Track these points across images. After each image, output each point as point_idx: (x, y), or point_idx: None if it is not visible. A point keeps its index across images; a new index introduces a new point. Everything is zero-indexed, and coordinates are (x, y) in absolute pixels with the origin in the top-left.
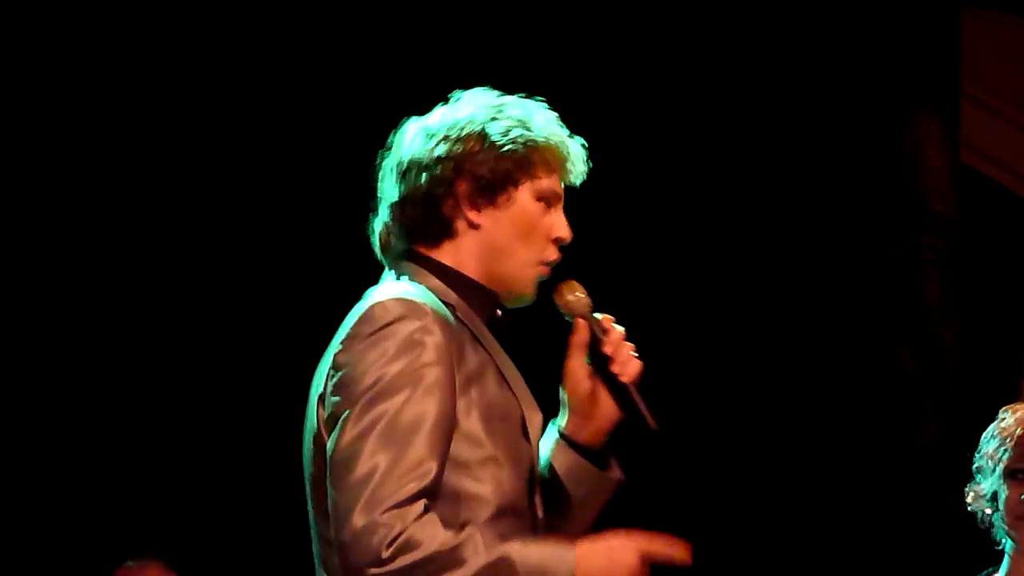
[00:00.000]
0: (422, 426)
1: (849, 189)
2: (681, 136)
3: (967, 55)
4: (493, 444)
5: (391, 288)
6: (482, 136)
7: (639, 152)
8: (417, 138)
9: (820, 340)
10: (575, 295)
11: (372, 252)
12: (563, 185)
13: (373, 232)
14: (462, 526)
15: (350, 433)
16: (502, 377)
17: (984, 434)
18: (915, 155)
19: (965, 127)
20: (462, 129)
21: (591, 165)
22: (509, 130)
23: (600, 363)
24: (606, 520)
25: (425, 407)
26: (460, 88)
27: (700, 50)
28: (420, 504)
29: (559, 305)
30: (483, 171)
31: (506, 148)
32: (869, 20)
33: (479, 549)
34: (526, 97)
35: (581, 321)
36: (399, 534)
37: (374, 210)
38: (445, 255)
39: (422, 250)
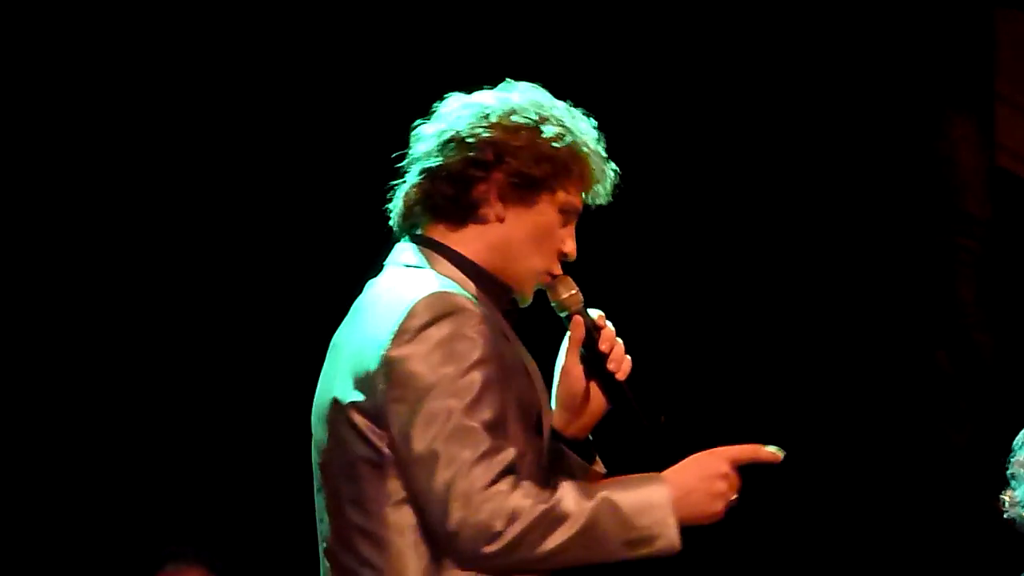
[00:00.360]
0: (493, 417)
1: (884, 191)
2: (717, 139)
3: (1002, 56)
4: (524, 440)
5: (421, 280)
6: (533, 132)
7: (671, 155)
8: (466, 112)
9: (855, 342)
10: (570, 292)
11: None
12: (584, 203)
13: (397, 196)
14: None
15: (425, 431)
16: (527, 371)
17: (1016, 440)
18: (949, 157)
19: (1000, 129)
20: (514, 118)
21: (617, 191)
22: (560, 135)
23: (593, 360)
24: None
25: (491, 399)
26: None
27: (734, 53)
28: (510, 479)
29: (555, 301)
30: (524, 167)
31: (552, 152)
32: (902, 22)
33: (579, 500)
34: (574, 106)
35: (578, 318)
36: (501, 509)
37: (401, 174)
38: (460, 242)
39: (438, 234)
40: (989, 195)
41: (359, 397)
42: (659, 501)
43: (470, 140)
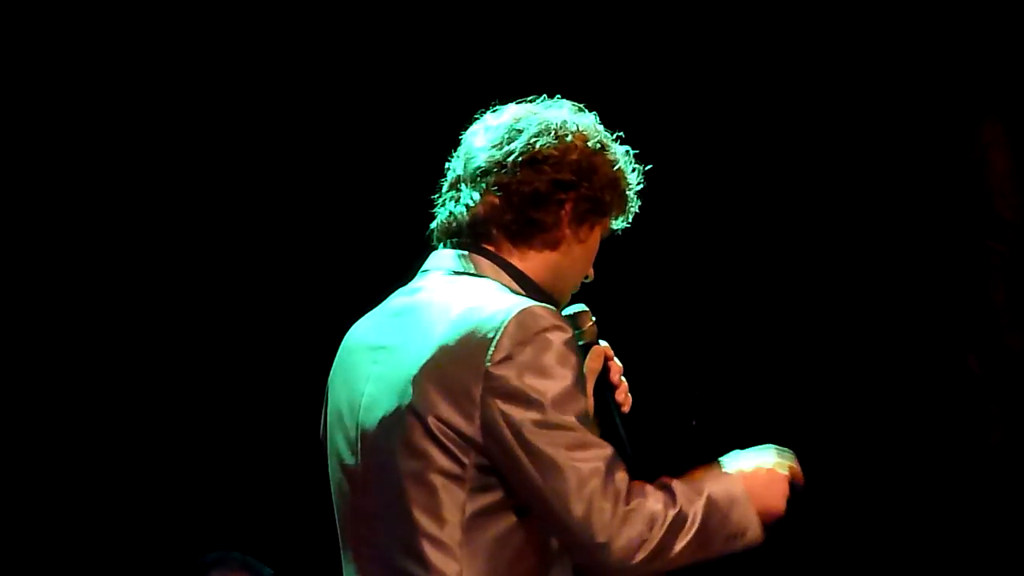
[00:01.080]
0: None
1: (914, 195)
2: (749, 144)
3: None
4: None
5: (493, 291)
6: (603, 156)
7: (703, 159)
8: (535, 127)
9: (886, 346)
10: (590, 323)
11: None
12: None
13: (453, 206)
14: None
15: (549, 448)
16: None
17: None
18: (980, 160)
19: None
20: (589, 142)
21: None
22: (619, 163)
23: (601, 391)
24: None
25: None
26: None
27: (764, 55)
28: (637, 483)
29: (579, 331)
30: (598, 192)
31: (615, 178)
32: (934, 25)
33: (692, 499)
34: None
35: (598, 348)
36: (644, 517)
37: (455, 183)
38: (518, 257)
39: (501, 250)
40: (1021, 199)
41: (446, 410)
42: (741, 495)
43: (551, 159)
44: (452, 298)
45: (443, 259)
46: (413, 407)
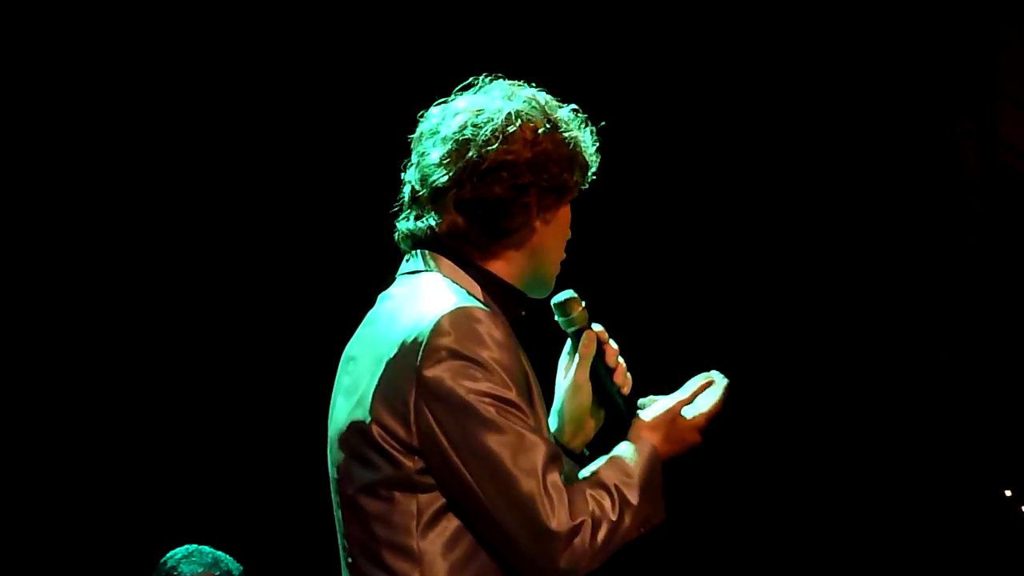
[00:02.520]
0: (534, 421)
1: (887, 189)
2: (719, 139)
3: (1005, 55)
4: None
5: (436, 291)
6: (554, 139)
7: (680, 155)
8: (480, 128)
9: (857, 339)
10: (580, 308)
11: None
12: None
13: (416, 223)
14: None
15: (484, 450)
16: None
17: None
18: (951, 154)
19: (1002, 126)
20: (540, 131)
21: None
22: (571, 135)
23: (599, 375)
24: None
25: (527, 403)
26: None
27: (736, 53)
28: (571, 488)
29: (563, 318)
30: (558, 178)
31: (571, 153)
32: (905, 21)
33: (613, 496)
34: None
35: (590, 333)
36: (586, 521)
37: (414, 199)
38: (487, 257)
39: (472, 258)
40: (991, 191)
41: (385, 416)
42: (652, 455)
43: (504, 164)
44: (401, 305)
45: (412, 265)
46: (362, 418)
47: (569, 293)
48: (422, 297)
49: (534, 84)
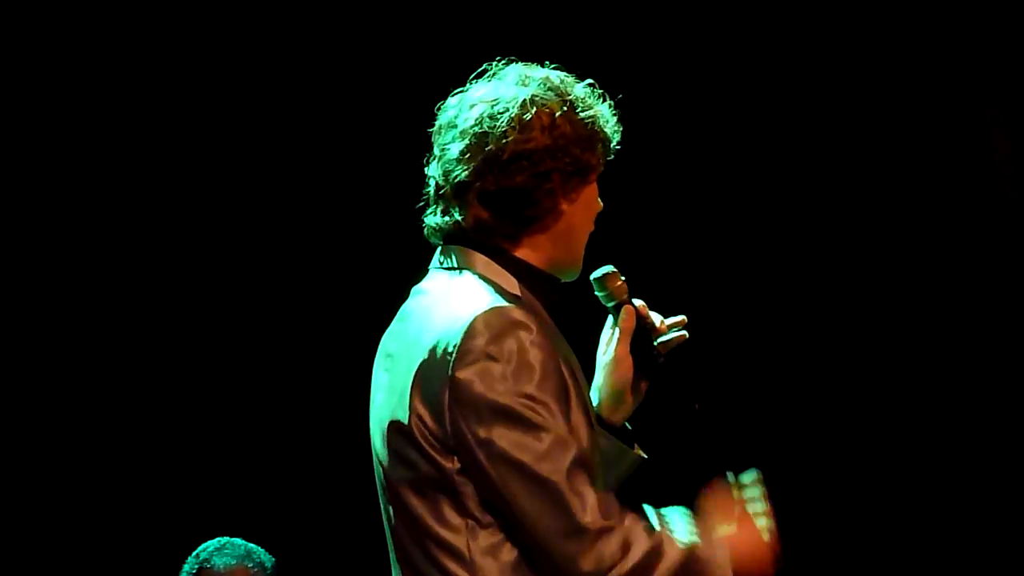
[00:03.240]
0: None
1: (916, 178)
2: (750, 130)
3: None
4: (589, 439)
5: (471, 291)
6: (571, 119)
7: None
8: (498, 119)
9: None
10: (619, 282)
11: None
12: None
13: (442, 218)
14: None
15: (511, 452)
16: (577, 368)
17: None
18: (982, 142)
19: None
20: (557, 115)
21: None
22: (591, 115)
23: (642, 348)
24: None
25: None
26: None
27: (766, 41)
28: (616, 504)
29: (603, 292)
30: (579, 159)
31: (590, 132)
32: (934, 11)
33: (672, 541)
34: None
35: (630, 307)
36: (618, 528)
37: (440, 194)
38: (517, 246)
39: (494, 243)
40: (1023, 180)
41: (424, 417)
42: (723, 560)
43: (524, 153)
44: (436, 302)
45: (444, 258)
46: (402, 418)
47: (608, 268)
48: (457, 297)
49: (548, 63)
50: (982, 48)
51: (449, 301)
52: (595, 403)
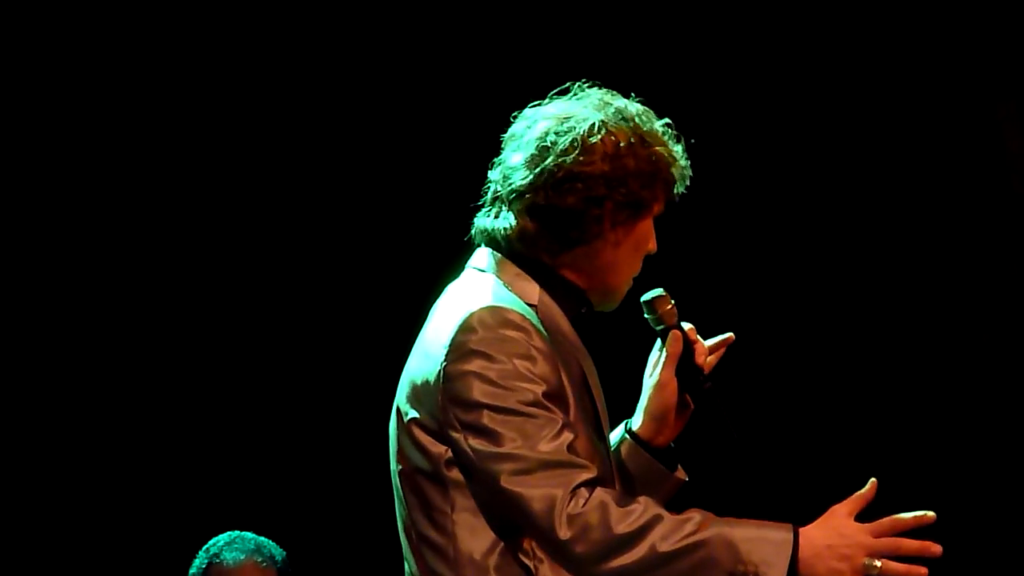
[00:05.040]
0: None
1: (928, 173)
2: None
3: None
4: (591, 450)
5: (478, 290)
6: (635, 152)
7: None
8: (562, 136)
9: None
10: (668, 306)
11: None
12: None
13: (492, 224)
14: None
15: (498, 446)
16: (586, 381)
17: None
18: (994, 138)
19: None
20: (621, 144)
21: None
22: (656, 149)
23: (688, 373)
24: None
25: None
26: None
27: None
28: (603, 490)
29: (652, 316)
30: (635, 193)
31: (653, 169)
32: (947, 3)
33: (698, 520)
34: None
35: (676, 332)
36: (586, 493)
37: (495, 197)
38: (557, 264)
39: (534, 255)
40: None
41: (418, 409)
42: (776, 539)
43: (581, 176)
44: (453, 302)
45: (478, 259)
46: (400, 410)
47: (658, 291)
48: (465, 297)
49: (632, 95)
50: (994, 43)
51: (457, 301)
52: (638, 424)
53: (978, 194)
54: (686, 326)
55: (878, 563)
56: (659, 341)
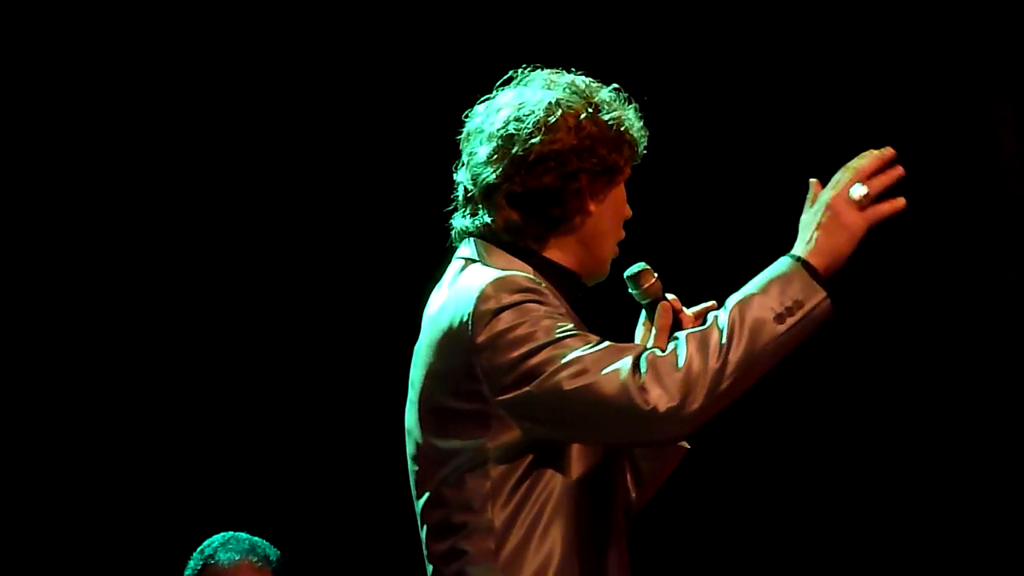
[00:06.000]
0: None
1: (923, 175)
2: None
3: None
4: None
5: (478, 271)
6: (596, 121)
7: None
8: (524, 121)
9: (897, 327)
10: (653, 280)
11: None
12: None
13: (470, 220)
14: (540, 508)
15: (550, 369)
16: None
17: None
18: (989, 139)
19: None
20: (582, 117)
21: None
22: (616, 117)
23: None
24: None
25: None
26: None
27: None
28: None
29: (637, 290)
30: (608, 159)
31: (616, 134)
32: (942, 4)
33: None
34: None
35: (665, 304)
36: (667, 364)
37: (468, 198)
38: (545, 247)
39: (522, 243)
40: None
41: (444, 394)
42: (785, 270)
43: (551, 155)
44: (453, 287)
45: (466, 251)
46: (416, 400)
47: (641, 265)
48: (467, 279)
49: (573, 69)
50: (989, 44)
51: (460, 283)
52: None
53: (974, 195)
54: (670, 297)
55: (865, 188)
56: (643, 314)
